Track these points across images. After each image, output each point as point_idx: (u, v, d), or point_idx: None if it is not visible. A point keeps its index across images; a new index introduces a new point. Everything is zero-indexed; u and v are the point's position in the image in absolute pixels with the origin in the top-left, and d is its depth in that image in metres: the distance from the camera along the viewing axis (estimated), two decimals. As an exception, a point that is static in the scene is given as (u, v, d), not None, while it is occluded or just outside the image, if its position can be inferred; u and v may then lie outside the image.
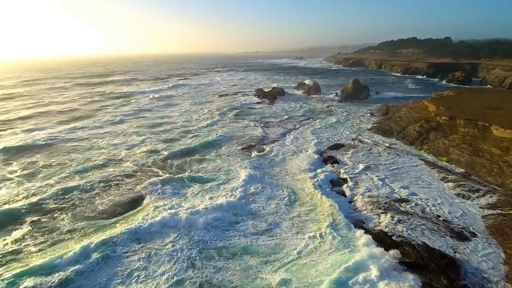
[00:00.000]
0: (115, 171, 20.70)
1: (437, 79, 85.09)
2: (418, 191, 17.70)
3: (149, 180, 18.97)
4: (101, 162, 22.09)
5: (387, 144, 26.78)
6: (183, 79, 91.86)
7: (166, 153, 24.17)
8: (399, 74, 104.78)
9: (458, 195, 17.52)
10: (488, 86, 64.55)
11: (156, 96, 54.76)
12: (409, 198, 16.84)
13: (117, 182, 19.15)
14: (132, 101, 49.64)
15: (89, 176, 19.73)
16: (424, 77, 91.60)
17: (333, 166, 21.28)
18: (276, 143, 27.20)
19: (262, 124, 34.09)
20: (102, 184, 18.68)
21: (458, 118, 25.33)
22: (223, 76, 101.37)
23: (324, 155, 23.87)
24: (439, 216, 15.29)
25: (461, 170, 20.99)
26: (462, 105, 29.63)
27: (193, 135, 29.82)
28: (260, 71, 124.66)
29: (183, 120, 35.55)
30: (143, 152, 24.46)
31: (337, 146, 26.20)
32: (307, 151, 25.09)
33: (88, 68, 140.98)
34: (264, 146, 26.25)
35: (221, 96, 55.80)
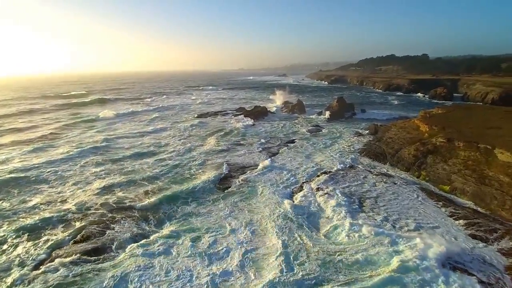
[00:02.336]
0: (52, 231, 15.68)
1: (419, 95, 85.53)
2: (427, 233, 14.81)
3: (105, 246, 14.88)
4: (36, 219, 16.55)
5: (381, 170, 24.15)
6: (166, 97, 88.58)
7: (135, 205, 18.41)
8: (381, 91, 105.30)
9: (473, 236, 14.76)
10: (471, 102, 64.69)
11: (133, 119, 50.95)
12: (418, 245, 13.89)
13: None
14: (105, 126, 44.67)
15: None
16: (406, 93, 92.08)
17: (326, 202, 18.19)
18: (258, 173, 23.80)
19: (243, 150, 30.98)
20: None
21: (456, 140, 23.09)
22: (205, 94, 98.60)
23: (314, 186, 20.83)
24: (456, 269, 12.37)
25: (469, 202, 18.39)
26: (456, 124, 27.66)
27: (170, 171, 24.34)
28: (243, 88, 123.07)
29: (160, 150, 30.52)
30: (103, 201, 18.82)
31: (326, 174, 23.32)
32: (296, 181, 22.09)
33: (64, 87, 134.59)
34: (242, 179, 22.90)
35: (202, 116, 52.55)
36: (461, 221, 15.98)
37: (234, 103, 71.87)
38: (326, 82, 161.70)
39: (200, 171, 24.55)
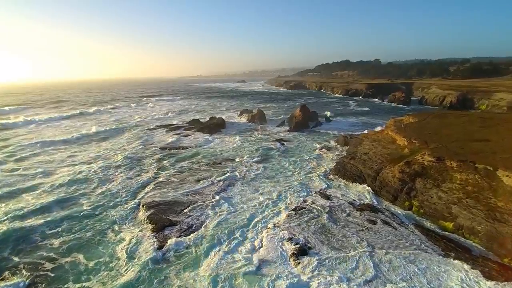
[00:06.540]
0: None
1: (377, 100, 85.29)
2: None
3: None
4: None
5: (364, 200, 19.42)
6: (111, 108, 78.57)
7: None
8: (340, 96, 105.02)
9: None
10: (429, 106, 64.85)
11: (65, 147, 41.80)
12: None
13: None
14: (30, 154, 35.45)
15: None
16: (365, 98, 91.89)
17: (302, 268, 12.67)
18: (204, 219, 17.83)
19: (188, 181, 24.68)
20: None
21: (447, 159, 19.16)
22: (156, 105, 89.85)
23: (284, 235, 15.30)
24: None
25: (483, 248, 14.08)
26: (437, 136, 24.16)
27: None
28: (200, 97, 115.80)
29: (75, 197, 23.56)
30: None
31: (297, 211, 18.03)
32: (255, 229, 16.37)
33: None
34: (180, 237, 16.73)
35: (147, 133, 44.94)
36: (488, 283, 11.42)
37: (188, 114, 64.93)
38: (285, 88, 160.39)
39: (124, 227, 17.81)
